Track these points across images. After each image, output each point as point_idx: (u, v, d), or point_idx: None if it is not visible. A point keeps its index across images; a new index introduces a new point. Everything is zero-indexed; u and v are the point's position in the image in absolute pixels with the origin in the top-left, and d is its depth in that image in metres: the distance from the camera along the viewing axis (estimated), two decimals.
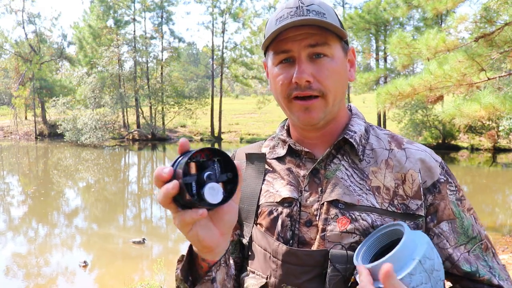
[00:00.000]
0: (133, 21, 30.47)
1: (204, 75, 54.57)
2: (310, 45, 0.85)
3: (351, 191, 0.88)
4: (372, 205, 0.87)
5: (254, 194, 0.97)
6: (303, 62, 0.86)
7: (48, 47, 34.58)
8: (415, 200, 0.87)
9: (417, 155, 0.91)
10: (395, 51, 6.71)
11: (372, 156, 0.92)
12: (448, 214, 0.88)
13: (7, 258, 6.62)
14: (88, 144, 24.29)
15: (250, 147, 1.07)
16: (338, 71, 0.88)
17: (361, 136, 0.93)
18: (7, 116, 34.78)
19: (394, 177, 0.89)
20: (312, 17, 0.84)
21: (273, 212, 0.92)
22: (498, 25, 5.68)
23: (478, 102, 5.28)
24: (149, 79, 29.79)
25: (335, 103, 0.90)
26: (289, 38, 0.86)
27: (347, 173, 0.90)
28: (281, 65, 0.89)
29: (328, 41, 0.86)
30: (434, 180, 0.89)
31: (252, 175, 0.99)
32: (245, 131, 28.71)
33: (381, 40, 22.12)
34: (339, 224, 0.86)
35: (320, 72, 0.86)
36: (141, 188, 13.15)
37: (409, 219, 0.87)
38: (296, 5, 0.87)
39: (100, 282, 5.87)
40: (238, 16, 29.18)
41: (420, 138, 21.04)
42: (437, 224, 0.88)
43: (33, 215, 9.64)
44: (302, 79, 0.85)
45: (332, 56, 0.87)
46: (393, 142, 0.94)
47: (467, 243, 0.88)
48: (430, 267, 0.78)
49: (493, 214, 9.64)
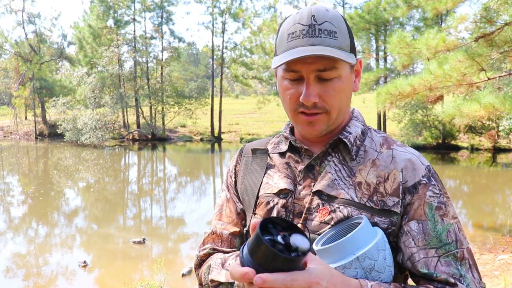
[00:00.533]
0: (133, 21, 30.47)
1: (204, 75, 54.55)
2: (319, 70, 0.89)
3: (335, 185, 0.93)
4: (351, 198, 0.92)
5: (255, 186, 1.04)
6: (311, 84, 0.90)
7: (48, 47, 34.57)
8: (393, 197, 0.91)
9: (404, 156, 0.95)
10: (395, 51, 6.71)
11: (363, 156, 0.97)
12: (420, 214, 0.90)
13: (7, 258, 6.62)
14: (88, 144, 24.29)
15: (258, 143, 1.14)
16: (344, 89, 0.93)
17: (356, 137, 0.98)
18: (7, 116, 34.77)
19: (377, 174, 0.93)
20: (323, 37, 0.88)
21: (269, 202, 0.99)
22: (498, 25, 5.67)
23: (478, 102, 5.28)
24: (149, 79, 29.78)
25: (338, 117, 0.96)
26: (299, 61, 0.89)
27: (336, 168, 0.96)
28: (289, 81, 0.94)
29: (336, 65, 0.90)
30: (415, 181, 0.92)
31: (255, 169, 1.07)
32: (245, 131, 28.71)
33: (381, 40, 22.10)
34: (320, 215, 0.92)
35: (326, 93, 0.91)
36: (141, 188, 13.14)
37: (384, 215, 0.90)
38: (308, 23, 0.89)
39: (100, 282, 5.86)
40: (238, 16, 29.17)
41: (420, 138, 21.04)
42: (407, 222, 0.90)
43: (33, 215, 9.64)
44: (309, 102, 0.90)
45: (339, 77, 0.92)
46: (385, 144, 0.99)
47: (439, 248, 0.88)
48: (369, 266, 0.82)
49: (493, 214, 9.63)
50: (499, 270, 5.20)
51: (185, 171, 17.15)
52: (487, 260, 5.71)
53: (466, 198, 11.77)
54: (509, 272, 5.06)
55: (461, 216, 9.62)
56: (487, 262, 5.63)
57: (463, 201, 11.35)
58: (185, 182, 14.69)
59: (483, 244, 6.71)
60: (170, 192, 12.94)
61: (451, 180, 14.23)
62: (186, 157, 21.98)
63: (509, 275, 4.89)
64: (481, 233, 7.55)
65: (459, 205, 10.67)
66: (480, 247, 6.57)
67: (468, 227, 8.41)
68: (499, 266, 5.42)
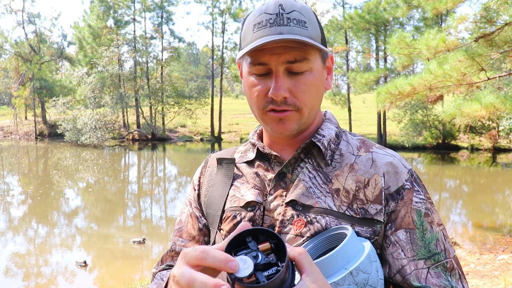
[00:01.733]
0: (133, 21, 30.48)
1: (204, 75, 54.55)
2: (289, 61, 0.81)
3: (311, 193, 0.85)
4: (329, 207, 0.83)
5: (220, 199, 0.95)
6: (280, 77, 0.82)
7: (48, 47, 34.58)
8: (375, 205, 0.83)
9: (384, 159, 0.88)
10: (395, 51, 6.71)
11: (339, 161, 0.89)
12: (408, 223, 0.83)
13: (7, 258, 6.62)
14: (88, 144, 24.29)
15: (224, 152, 1.05)
16: (316, 84, 0.85)
17: (330, 141, 0.90)
18: (7, 116, 34.78)
19: (356, 179, 0.86)
20: (292, 26, 0.80)
21: (236, 216, 0.90)
22: (498, 25, 5.68)
23: (478, 102, 5.28)
24: (149, 79, 29.79)
25: (310, 115, 0.88)
26: (267, 50, 0.81)
27: (310, 175, 0.87)
28: (255, 76, 0.85)
29: (307, 56, 0.82)
30: (398, 186, 0.85)
31: (221, 180, 0.97)
32: (245, 131, 28.71)
33: (381, 40, 22.11)
34: (295, 227, 0.83)
35: (297, 88, 0.83)
36: (141, 188, 13.15)
37: (366, 224, 0.82)
38: (276, 12, 0.81)
39: (100, 282, 5.86)
40: (238, 16, 29.17)
41: (420, 138, 21.05)
42: (394, 232, 0.83)
43: (33, 215, 9.64)
44: (279, 96, 0.82)
45: (311, 70, 0.84)
46: (362, 147, 0.91)
47: (428, 258, 0.81)
48: (362, 281, 0.73)
49: (493, 214, 9.63)
50: (499, 270, 5.20)
51: (185, 171, 17.15)
52: (487, 260, 5.71)
53: (466, 198, 11.77)
54: (509, 272, 5.06)
55: (461, 216, 9.63)
56: (487, 262, 5.63)
57: (463, 201, 11.35)
58: (185, 182, 14.69)
59: (483, 244, 6.71)
60: (170, 192, 12.94)
61: (451, 180, 14.23)
62: (186, 157, 21.98)
63: (509, 275, 4.89)
64: (481, 233, 7.55)
65: (459, 205, 10.67)
66: (480, 247, 6.57)
67: (468, 227, 8.41)
68: (499, 266, 5.42)
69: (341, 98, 25.94)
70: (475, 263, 5.59)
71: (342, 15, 22.69)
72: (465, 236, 7.52)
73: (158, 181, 14.83)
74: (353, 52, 29.60)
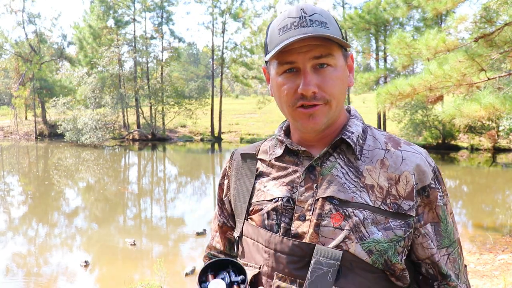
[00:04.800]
0: (133, 21, 30.47)
1: (204, 75, 54.53)
2: (315, 57, 0.88)
3: (346, 188, 0.91)
4: (366, 202, 0.89)
5: (246, 193, 1.02)
6: (309, 73, 0.88)
7: (48, 47, 34.58)
8: (408, 201, 0.90)
9: (413, 157, 0.94)
10: (395, 51, 6.71)
11: (368, 156, 0.94)
12: (433, 217, 0.92)
13: (7, 258, 6.63)
14: (88, 144, 24.29)
15: (248, 147, 1.11)
16: (341, 79, 0.92)
17: (359, 136, 0.96)
18: (7, 116, 34.78)
19: (388, 176, 0.92)
20: (315, 27, 0.87)
21: (263, 208, 0.97)
22: (498, 25, 5.68)
23: (478, 102, 5.28)
24: (149, 79, 29.79)
25: (337, 109, 0.94)
26: (294, 50, 0.88)
27: (343, 171, 0.93)
28: (285, 74, 0.91)
29: (332, 52, 0.89)
30: (425, 184, 0.92)
31: (245, 174, 1.05)
32: (245, 131, 28.71)
33: (381, 40, 22.11)
34: (333, 220, 0.89)
35: (324, 82, 0.89)
36: (141, 188, 13.15)
37: (400, 218, 0.89)
38: (299, 15, 0.88)
39: (100, 282, 5.87)
40: (238, 16, 29.17)
41: (420, 138, 21.04)
42: (424, 225, 0.92)
43: (33, 215, 9.64)
44: (309, 91, 0.88)
45: (335, 66, 0.91)
46: (389, 142, 0.97)
47: (449, 246, 0.94)
48: None
49: (493, 214, 9.63)
50: (499, 270, 5.20)
51: (185, 171, 17.15)
52: (487, 260, 5.71)
53: (466, 198, 11.77)
54: (509, 272, 5.06)
55: (461, 216, 9.63)
56: (487, 262, 5.63)
57: (463, 201, 11.35)
58: (185, 182, 14.69)
59: (483, 244, 6.71)
60: (170, 192, 12.94)
61: (451, 180, 14.23)
62: (186, 157, 21.99)
63: (509, 275, 4.89)
64: (481, 233, 7.55)
65: (459, 205, 10.67)
66: (480, 247, 6.57)
67: (468, 227, 8.41)
68: (499, 266, 5.42)
69: None
70: (475, 263, 5.59)
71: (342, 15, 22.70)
72: (465, 236, 7.52)
73: (158, 181, 14.83)
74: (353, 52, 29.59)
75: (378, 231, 0.87)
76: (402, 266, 0.89)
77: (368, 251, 0.87)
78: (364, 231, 0.88)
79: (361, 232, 0.87)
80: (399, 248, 0.88)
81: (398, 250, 0.88)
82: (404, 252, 0.90)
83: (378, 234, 0.87)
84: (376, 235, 0.87)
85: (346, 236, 0.87)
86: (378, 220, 0.88)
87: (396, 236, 0.88)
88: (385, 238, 0.87)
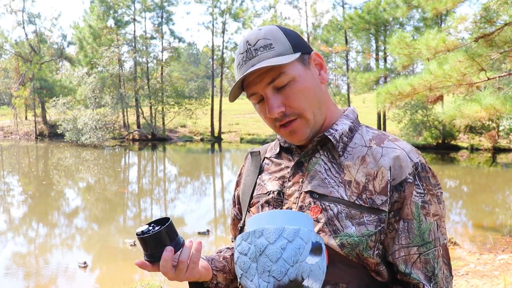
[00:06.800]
0: (133, 21, 30.49)
1: (204, 75, 54.55)
2: (269, 83, 0.93)
3: (326, 184, 0.96)
4: (341, 197, 0.93)
5: (250, 187, 1.12)
6: (270, 98, 0.94)
7: (48, 47, 34.59)
8: (381, 196, 0.92)
9: (393, 153, 0.94)
10: (395, 51, 6.71)
11: (352, 153, 0.97)
12: (407, 214, 0.92)
13: (7, 258, 6.63)
14: (88, 144, 24.30)
15: (259, 147, 1.21)
16: (304, 87, 0.94)
17: (342, 134, 0.99)
18: (7, 116, 34.80)
19: (367, 172, 0.94)
20: (260, 55, 0.92)
21: (260, 201, 1.06)
22: (498, 25, 5.68)
23: (478, 103, 5.28)
24: (149, 79, 29.80)
25: (316, 115, 0.97)
26: (251, 82, 0.95)
27: (325, 166, 0.98)
28: (259, 103, 0.98)
29: (282, 70, 0.92)
30: (402, 179, 0.92)
31: (251, 170, 1.15)
32: (245, 131, 28.72)
33: (381, 40, 22.13)
34: (311, 213, 0.95)
35: (289, 99, 0.94)
36: (141, 188, 13.15)
37: (373, 213, 0.91)
38: (245, 49, 0.95)
39: (100, 282, 5.87)
40: (238, 16, 29.19)
41: (420, 138, 21.05)
42: (398, 221, 0.92)
43: (33, 215, 9.64)
44: (274, 114, 0.94)
45: (294, 78, 0.93)
46: (374, 140, 0.98)
47: (420, 246, 0.92)
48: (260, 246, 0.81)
49: (493, 214, 9.64)
50: (499, 270, 5.20)
51: (185, 171, 17.16)
52: (487, 260, 5.71)
53: (466, 198, 11.77)
54: (509, 272, 5.06)
55: (461, 216, 9.63)
56: (487, 262, 5.63)
57: (463, 201, 11.36)
58: (185, 182, 14.70)
59: (483, 244, 6.71)
60: (170, 192, 12.94)
61: (451, 180, 14.24)
62: (186, 157, 21.99)
63: (509, 275, 4.89)
64: (481, 233, 7.55)
65: (459, 205, 10.68)
66: (480, 247, 6.57)
67: (468, 227, 8.42)
68: (499, 266, 5.42)
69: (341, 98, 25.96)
70: (475, 263, 5.59)
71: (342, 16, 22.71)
72: (465, 236, 7.52)
73: (158, 181, 14.83)
74: (353, 52, 29.63)
75: (352, 225, 0.90)
76: (375, 260, 0.91)
77: (340, 244, 0.90)
78: (338, 224, 0.91)
79: (335, 226, 0.91)
80: (370, 243, 0.90)
81: (370, 245, 0.90)
82: (376, 247, 0.91)
83: (351, 229, 0.90)
84: (350, 229, 0.90)
85: (320, 229, 0.92)
86: (353, 215, 0.91)
87: (367, 231, 0.90)
88: (357, 232, 0.90)
